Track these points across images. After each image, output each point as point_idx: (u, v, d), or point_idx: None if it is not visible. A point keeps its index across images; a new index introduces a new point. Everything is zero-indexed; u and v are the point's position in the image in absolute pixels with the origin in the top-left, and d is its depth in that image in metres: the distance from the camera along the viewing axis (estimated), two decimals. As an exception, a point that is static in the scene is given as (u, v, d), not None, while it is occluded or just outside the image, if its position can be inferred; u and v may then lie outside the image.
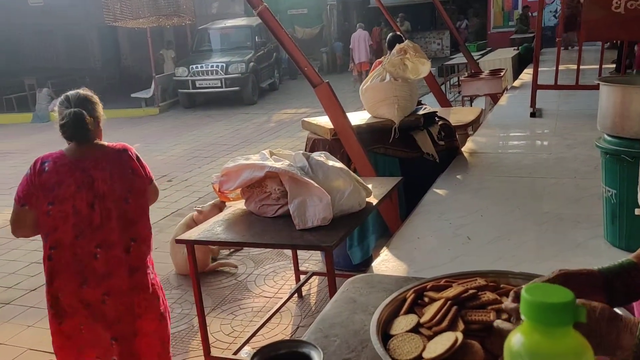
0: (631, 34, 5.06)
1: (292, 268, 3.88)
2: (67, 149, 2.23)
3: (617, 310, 0.96)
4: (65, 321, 2.20)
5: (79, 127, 2.17)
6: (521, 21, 14.99)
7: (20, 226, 2.24)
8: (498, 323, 0.92)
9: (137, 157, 2.35)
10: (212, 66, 13.31)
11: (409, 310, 1.10)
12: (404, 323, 1.06)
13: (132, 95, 13.74)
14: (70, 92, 2.28)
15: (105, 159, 2.23)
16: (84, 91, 2.30)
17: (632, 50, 6.44)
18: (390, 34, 5.92)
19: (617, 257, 1.03)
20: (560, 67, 6.02)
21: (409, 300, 1.11)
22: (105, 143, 2.30)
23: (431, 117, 4.27)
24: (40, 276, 4.38)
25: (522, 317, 0.63)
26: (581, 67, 5.94)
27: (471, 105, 8.17)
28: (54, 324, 2.22)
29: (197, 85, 13.23)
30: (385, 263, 2.72)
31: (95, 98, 2.32)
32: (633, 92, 2.48)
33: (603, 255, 2.57)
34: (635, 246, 1.07)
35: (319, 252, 4.05)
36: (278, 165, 2.69)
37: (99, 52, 16.59)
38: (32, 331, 3.61)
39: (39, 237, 2.24)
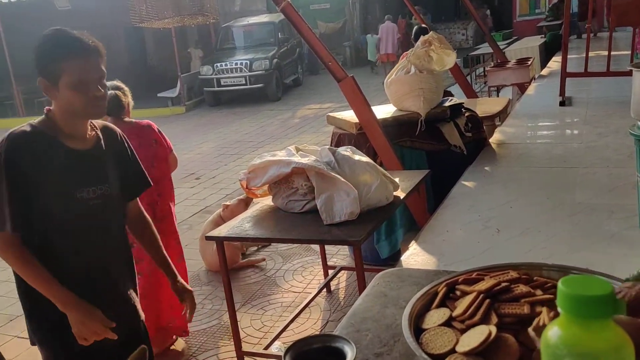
0: (664, 18, 4.90)
1: (320, 263, 3.90)
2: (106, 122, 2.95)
3: None
4: None
5: (116, 105, 2.91)
6: (557, 8, 14.60)
7: None
8: (533, 335, 0.90)
9: (159, 131, 3.10)
10: (236, 64, 13.39)
11: (441, 304, 1.10)
12: (436, 317, 1.05)
13: (159, 94, 13.93)
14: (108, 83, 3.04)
15: (134, 131, 2.86)
16: (117, 82, 3.08)
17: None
18: (416, 26, 5.87)
19: (655, 247, 1.00)
20: (590, 54, 5.87)
21: (440, 294, 1.11)
22: (134, 120, 3.05)
23: (457, 108, 4.22)
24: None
25: (559, 309, 0.62)
26: (612, 53, 5.78)
27: (498, 96, 8.04)
28: None
29: (222, 83, 13.34)
30: (415, 257, 2.70)
31: (125, 88, 3.10)
32: (668, 77, 2.41)
33: (638, 246, 2.50)
34: (674, 236, 1.03)
35: (346, 246, 4.06)
36: (304, 160, 2.70)
37: (125, 52, 16.84)
38: (35, 349, 3.63)
39: None
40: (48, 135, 1.61)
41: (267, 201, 2.98)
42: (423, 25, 6.02)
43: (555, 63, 8.72)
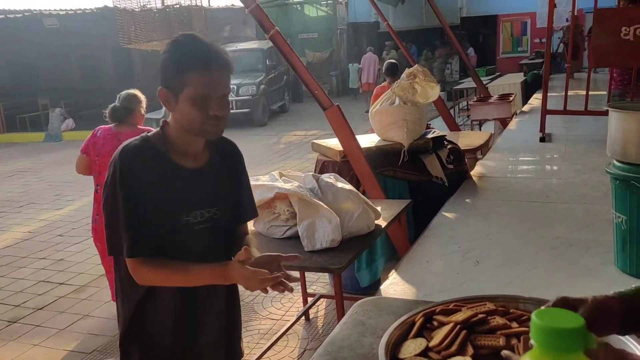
0: (640, 61, 5.07)
1: (300, 290, 3.87)
2: (114, 126, 3.61)
3: (630, 339, 0.96)
4: None
5: (117, 115, 3.57)
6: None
7: (79, 167, 3.63)
8: (506, 353, 0.91)
9: None
10: (223, 88, 13.45)
11: (418, 334, 1.10)
12: (412, 347, 1.06)
13: (145, 115, 13.89)
14: (122, 92, 3.70)
15: (134, 135, 2.94)
16: (133, 90, 3.62)
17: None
18: (387, 62, 6.03)
19: (628, 284, 1.03)
20: (569, 93, 6.03)
21: (417, 324, 1.11)
22: (140, 126, 3.60)
23: (440, 140, 4.28)
24: (46, 296, 4.41)
25: (532, 342, 0.63)
26: (590, 92, 5.95)
27: (480, 130, 8.18)
28: None
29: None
30: (394, 286, 2.70)
31: (139, 96, 3.64)
32: (643, 118, 2.49)
33: (613, 282, 2.54)
34: (646, 273, 1.06)
35: (327, 274, 4.03)
36: (287, 186, 2.71)
37: (112, 73, 16.85)
38: (37, 350, 3.61)
39: (44, 260, 2.36)
40: (160, 150, 1.48)
41: (249, 226, 2.96)
42: (393, 61, 6.16)
43: (536, 100, 8.92)
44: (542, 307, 0.94)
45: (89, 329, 3.84)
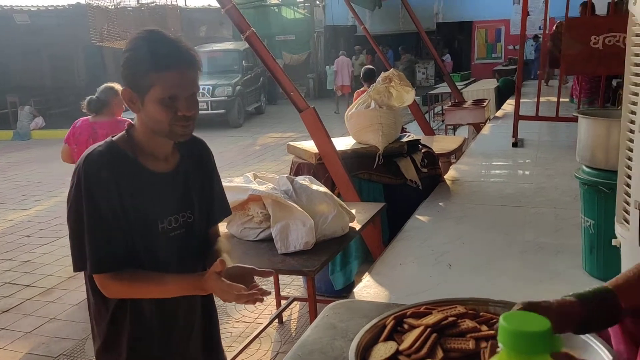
0: (608, 69, 5.20)
1: (274, 293, 3.84)
2: (91, 117, 3.66)
3: (592, 338, 0.97)
4: None
5: (92, 106, 3.62)
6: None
7: (63, 155, 3.74)
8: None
9: None
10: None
11: (389, 337, 1.10)
12: (383, 350, 1.05)
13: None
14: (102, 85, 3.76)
15: (109, 125, 3.49)
16: (111, 83, 3.66)
17: (610, 84, 6.62)
18: (364, 67, 6.07)
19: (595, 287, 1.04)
20: (541, 99, 6.15)
21: (388, 327, 1.11)
22: (118, 117, 3.66)
23: (415, 144, 4.31)
24: (11, 298, 4.29)
25: (500, 345, 0.63)
26: (561, 99, 6.08)
27: (454, 134, 8.28)
28: None
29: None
30: (367, 289, 2.71)
31: (115, 88, 3.59)
32: (610, 125, 2.54)
33: (581, 286, 2.58)
34: (613, 276, 1.08)
35: (301, 277, 4.02)
36: (262, 188, 2.69)
37: (84, 71, 16.54)
38: (2, 354, 3.50)
39: (10, 261, 2.28)
40: (127, 155, 1.39)
41: (222, 228, 2.93)
42: (370, 67, 6.20)
43: (509, 105, 9.08)
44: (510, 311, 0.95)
45: (55, 333, 3.74)
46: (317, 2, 20.18)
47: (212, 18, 17.72)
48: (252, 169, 8.44)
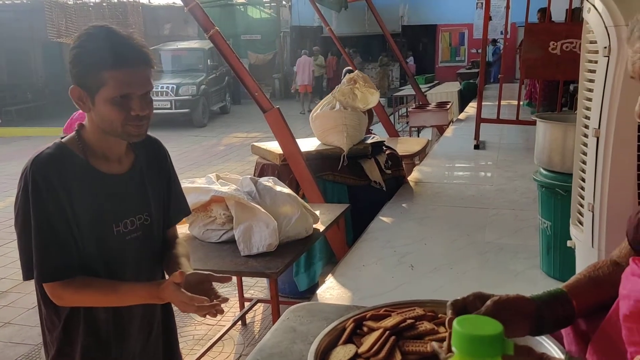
0: (566, 74, 5.36)
1: (237, 295, 3.81)
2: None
3: (545, 339, 0.99)
4: None
5: None
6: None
7: None
8: (434, 345, 0.93)
9: None
10: (162, 87, 13.13)
11: (348, 340, 1.10)
12: (342, 353, 1.05)
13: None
14: None
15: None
16: None
17: (568, 89, 6.82)
18: (346, 69, 6.08)
19: (552, 287, 1.07)
20: (503, 102, 6.29)
21: (347, 330, 1.11)
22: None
23: (379, 146, 4.35)
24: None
25: (453, 348, 0.63)
26: (521, 103, 6.24)
27: (418, 136, 8.38)
28: None
29: (145, 106, 13.00)
30: (330, 290, 2.71)
31: None
32: (566, 129, 2.62)
33: (539, 285, 2.66)
34: (569, 277, 1.11)
35: (265, 278, 4.00)
36: (224, 189, 2.66)
37: (42, 68, 16.05)
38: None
39: None
40: (78, 157, 1.33)
41: (184, 229, 2.89)
42: (349, 68, 6.22)
43: (471, 108, 9.26)
44: (456, 299, 0.97)
45: (10, 337, 3.61)
46: (284, 3, 20.15)
47: (177, 16, 17.48)
48: (216, 169, 8.34)
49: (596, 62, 1.95)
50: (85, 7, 7.54)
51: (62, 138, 1.38)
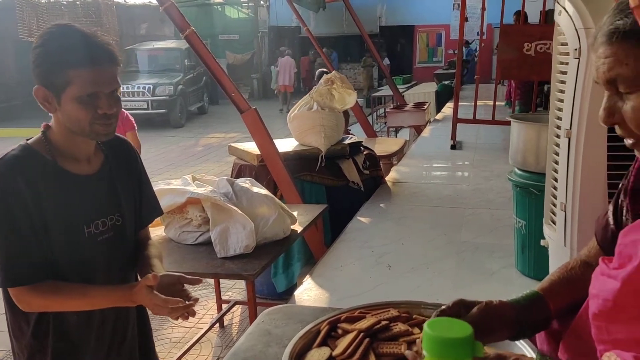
0: (540, 75, 5.44)
1: (214, 296, 3.77)
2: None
3: (522, 343, 1.00)
4: None
5: None
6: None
7: None
8: (408, 354, 0.93)
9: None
10: (138, 87, 12.97)
11: (323, 343, 1.09)
12: (316, 356, 1.05)
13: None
14: None
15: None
16: None
17: (542, 89, 6.93)
18: (319, 71, 6.07)
19: (527, 285, 1.08)
20: (479, 103, 6.37)
21: (322, 333, 1.10)
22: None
23: (357, 146, 4.35)
24: None
25: (424, 351, 0.63)
26: (497, 103, 6.31)
27: (396, 136, 8.43)
28: None
29: (122, 107, 12.81)
30: (308, 292, 2.70)
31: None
32: (540, 129, 2.65)
33: (514, 284, 2.69)
34: (543, 275, 1.11)
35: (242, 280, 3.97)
36: (200, 190, 2.63)
37: (14, 68, 15.70)
38: None
39: None
40: (46, 158, 1.31)
41: (159, 231, 2.85)
42: (325, 70, 6.22)
43: (448, 109, 9.35)
44: (440, 308, 0.97)
45: (-20, 345, 3.52)
46: (261, 2, 20.06)
47: (153, 15, 17.28)
48: (194, 170, 8.27)
49: (567, 63, 1.98)
50: (58, 5, 7.39)
51: (27, 140, 1.35)
